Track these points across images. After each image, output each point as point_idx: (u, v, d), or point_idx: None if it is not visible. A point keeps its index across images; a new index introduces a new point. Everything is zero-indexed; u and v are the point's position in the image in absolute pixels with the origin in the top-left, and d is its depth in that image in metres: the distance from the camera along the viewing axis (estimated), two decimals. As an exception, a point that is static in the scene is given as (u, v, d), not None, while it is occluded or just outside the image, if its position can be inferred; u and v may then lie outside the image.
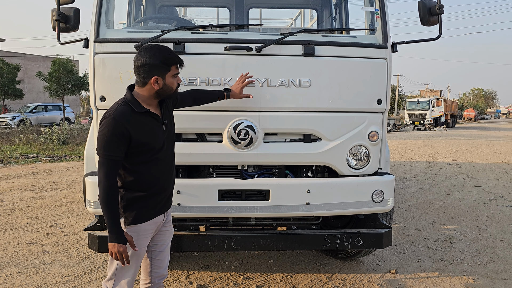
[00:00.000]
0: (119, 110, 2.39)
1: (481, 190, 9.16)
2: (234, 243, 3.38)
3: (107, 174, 2.34)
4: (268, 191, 3.34)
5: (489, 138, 27.19)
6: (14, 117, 26.96)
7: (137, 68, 2.44)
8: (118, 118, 2.35)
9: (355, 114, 3.46)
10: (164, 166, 2.60)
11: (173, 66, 2.48)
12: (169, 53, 2.49)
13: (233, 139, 3.30)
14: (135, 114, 2.42)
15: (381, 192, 3.46)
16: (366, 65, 3.42)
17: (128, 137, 2.37)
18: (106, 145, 2.34)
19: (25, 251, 4.90)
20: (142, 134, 2.42)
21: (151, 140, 2.48)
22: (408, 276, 4.39)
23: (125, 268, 2.54)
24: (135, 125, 2.39)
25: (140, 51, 2.45)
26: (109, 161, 2.35)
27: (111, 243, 2.38)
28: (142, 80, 2.45)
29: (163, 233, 2.75)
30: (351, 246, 3.50)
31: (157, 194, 2.57)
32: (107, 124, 2.35)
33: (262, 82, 3.29)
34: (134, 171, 2.46)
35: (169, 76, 2.48)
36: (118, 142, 2.34)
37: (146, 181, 2.50)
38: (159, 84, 2.44)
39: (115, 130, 2.34)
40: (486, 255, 5.04)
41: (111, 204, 2.35)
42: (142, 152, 2.46)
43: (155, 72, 2.42)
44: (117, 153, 2.35)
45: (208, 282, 4.11)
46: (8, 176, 9.95)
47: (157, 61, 2.41)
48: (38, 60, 45.67)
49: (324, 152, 3.42)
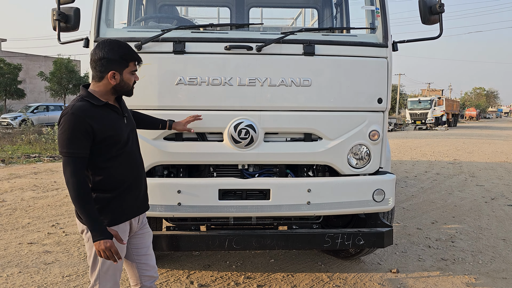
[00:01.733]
0: (77, 105, 2.30)
1: (482, 189, 9.14)
2: (234, 243, 3.38)
3: (74, 172, 2.24)
4: (269, 191, 3.34)
5: (490, 137, 27.14)
6: (15, 117, 27.00)
7: (94, 62, 2.37)
8: (78, 112, 2.26)
9: (356, 113, 3.46)
10: (132, 160, 2.52)
11: (131, 63, 2.43)
12: (128, 49, 2.42)
13: (234, 138, 3.30)
14: (94, 107, 2.33)
15: (382, 191, 3.45)
16: (367, 64, 3.41)
17: (91, 132, 2.28)
18: (69, 142, 2.24)
19: (26, 251, 4.91)
20: (104, 127, 2.33)
21: (115, 133, 2.39)
22: (409, 275, 4.38)
23: (108, 272, 2.47)
24: (96, 119, 2.30)
25: (99, 44, 2.38)
26: (74, 158, 2.25)
27: (96, 242, 2.27)
28: (99, 75, 2.37)
29: (142, 236, 2.67)
30: (352, 245, 3.50)
31: (129, 191, 2.49)
32: (67, 120, 2.25)
33: (263, 81, 3.29)
34: (102, 168, 2.37)
35: (127, 72, 2.42)
36: (81, 137, 2.25)
37: (116, 178, 2.42)
38: (116, 79, 2.38)
39: (76, 126, 2.24)
40: (487, 254, 5.03)
41: (85, 201, 2.25)
42: (107, 147, 2.36)
43: (112, 66, 2.36)
44: (81, 149, 2.26)
45: (209, 282, 4.11)
46: (10, 176, 9.96)
47: (115, 56, 2.36)
48: (39, 60, 45.76)
49: (325, 151, 3.42)
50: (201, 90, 3.27)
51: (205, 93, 3.27)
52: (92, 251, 2.44)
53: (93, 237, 2.29)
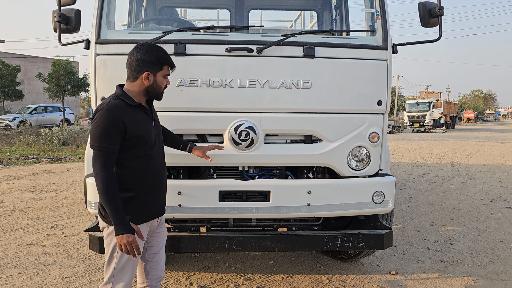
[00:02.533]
0: (112, 102, 2.40)
1: (481, 191, 9.16)
2: (234, 244, 3.38)
3: (104, 166, 2.32)
4: (269, 192, 3.35)
5: (488, 139, 27.21)
6: (14, 118, 26.97)
7: (131, 62, 2.48)
8: (112, 109, 2.36)
9: (356, 115, 3.47)
10: (155, 163, 2.58)
11: (165, 66, 2.54)
12: (164, 53, 2.55)
13: (234, 140, 3.31)
14: (128, 106, 2.44)
15: (382, 193, 3.46)
16: (367, 67, 3.43)
17: (123, 129, 2.36)
18: (102, 137, 2.32)
19: (25, 252, 4.90)
20: (135, 126, 2.42)
21: (143, 134, 2.47)
22: (408, 277, 4.39)
23: (122, 270, 2.51)
24: (128, 117, 2.40)
25: (137, 46, 2.50)
26: (105, 153, 2.33)
27: (118, 236, 2.32)
28: (134, 75, 2.48)
29: (157, 234, 2.73)
30: (352, 247, 3.51)
31: (150, 193, 2.54)
32: (101, 116, 2.34)
33: (263, 83, 3.30)
34: (125, 166, 2.44)
35: (160, 75, 2.53)
36: (113, 133, 2.33)
37: (137, 178, 2.48)
38: (150, 80, 2.48)
39: (110, 121, 2.33)
40: (486, 256, 5.05)
41: (112, 195, 2.31)
42: (134, 146, 2.44)
43: (148, 68, 2.47)
44: (112, 144, 2.34)
45: (208, 283, 4.11)
46: (8, 177, 9.95)
47: (152, 58, 2.47)
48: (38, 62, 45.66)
49: (325, 153, 3.43)
50: (202, 92, 3.27)
51: (206, 95, 3.28)
52: (110, 247, 2.49)
53: (116, 231, 2.33)
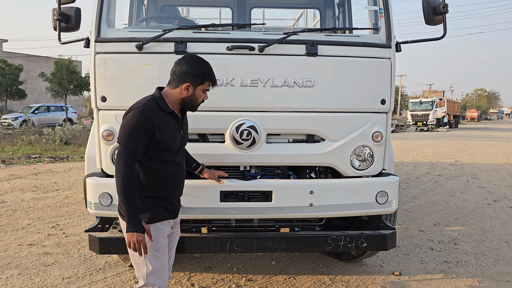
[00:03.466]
0: (148, 104, 2.46)
1: (484, 191, 9.10)
2: (236, 245, 3.34)
3: (127, 164, 2.38)
4: (271, 192, 3.31)
5: (492, 138, 27.09)
6: (16, 118, 27.00)
7: (175, 70, 2.55)
8: (147, 110, 2.42)
9: (359, 115, 3.42)
10: (177, 169, 2.66)
11: (207, 82, 2.60)
12: (209, 69, 2.60)
13: (236, 139, 3.26)
14: (161, 111, 2.50)
15: (385, 193, 3.42)
16: (370, 65, 3.38)
17: (152, 131, 2.42)
18: (131, 135, 2.38)
19: (26, 252, 4.88)
20: (164, 131, 2.48)
21: (169, 140, 2.53)
22: (412, 278, 4.34)
23: (154, 271, 2.55)
24: (159, 122, 2.46)
25: (185, 57, 2.58)
26: (130, 151, 2.39)
27: (129, 233, 2.37)
28: (175, 83, 2.55)
29: (171, 234, 2.77)
30: (355, 248, 3.46)
31: (168, 195, 2.61)
32: (135, 114, 2.40)
33: (265, 82, 3.25)
34: (146, 167, 2.51)
35: (200, 89, 2.58)
36: (142, 134, 2.39)
37: (156, 180, 2.54)
38: (189, 92, 2.54)
39: (142, 122, 2.39)
40: (490, 257, 4.99)
41: (130, 193, 2.37)
42: (158, 150, 2.50)
43: (190, 80, 2.53)
44: (139, 144, 2.41)
45: (210, 284, 4.07)
46: (10, 176, 9.94)
47: (196, 71, 2.53)
48: (40, 61, 45.77)
49: (328, 153, 3.38)
50: (203, 90, 3.23)
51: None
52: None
53: (127, 228, 2.38)
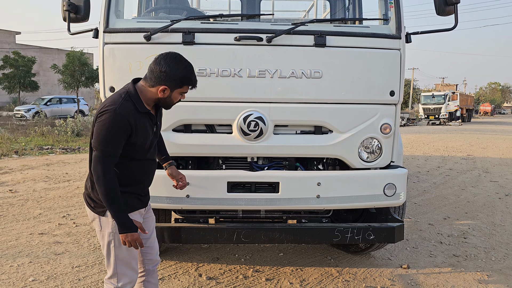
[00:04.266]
0: (124, 106, 2.32)
1: (496, 185, 8.99)
2: (243, 236, 3.35)
3: (107, 169, 2.28)
4: (278, 184, 3.30)
5: (505, 133, 26.72)
6: (29, 109, 27.29)
7: (153, 69, 2.37)
8: (124, 113, 2.29)
9: (367, 106, 3.39)
10: (149, 166, 2.60)
11: (186, 86, 2.46)
12: (190, 73, 2.43)
13: (243, 130, 3.26)
14: (137, 111, 2.38)
15: (393, 186, 3.40)
16: (379, 56, 3.34)
17: (129, 134, 2.33)
18: (109, 140, 2.27)
19: (37, 241, 4.95)
20: (139, 133, 2.38)
21: (144, 141, 2.45)
22: (420, 271, 4.32)
23: (124, 260, 2.52)
24: (136, 123, 2.35)
25: (167, 56, 2.39)
26: (108, 156, 2.29)
27: (123, 234, 2.35)
28: (152, 83, 2.39)
29: (146, 220, 2.73)
30: (362, 240, 3.45)
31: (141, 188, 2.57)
32: (112, 118, 2.27)
33: (273, 73, 3.24)
34: (121, 165, 2.40)
35: (177, 92, 2.44)
36: (120, 137, 2.29)
37: (132, 176, 2.48)
38: (165, 94, 2.40)
39: (120, 126, 2.28)
40: (500, 251, 4.95)
41: (115, 198, 2.30)
42: (132, 150, 2.41)
43: (167, 82, 2.37)
44: (117, 148, 2.31)
45: (217, 275, 4.10)
46: (23, 167, 10.07)
47: (176, 75, 2.36)
48: (53, 53, 46.20)
49: (335, 145, 3.36)
50: (210, 81, 3.23)
51: (214, 85, 3.24)
52: (105, 240, 2.48)
53: (120, 229, 2.36)
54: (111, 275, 2.54)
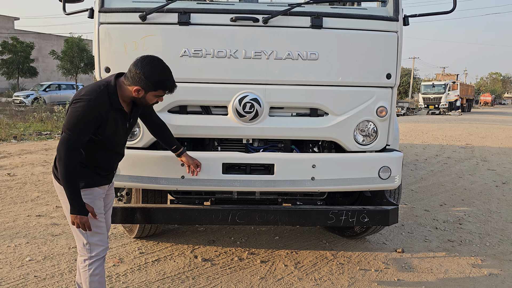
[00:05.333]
0: (99, 98, 2.42)
1: (494, 173, 9.01)
2: (238, 217, 3.37)
3: (70, 151, 2.38)
4: (273, 165, 3.31)
5: (505, 122, 26.71)
6: (28, 95, 27.20)
7: (132, 69, 2.46)
8: (97, 106, 2.39)
9: (364, 89, 3.38)
10: (116, 156, 2.74)
11: (160, 90, 2.52)
12: (166, 78, 2.51)
13: (238, 112, 3.25)
14: (110, 107, 2.47)
15: (388, 169, 3.40)
16: (376, 38, 3.32)
17: (98, 125, 2.43)
18: (78, 127, 2.37)
19: (34, 223, 4.97)
20: (110, 126, 2.49)
21: (113, 135, 2.56)
22: (414, 255, 4.35)
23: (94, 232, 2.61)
24: (108, 117, 2.45)
25: (146, 59, 2.47)
26: (74, 141, 2.39)
27: (73, 215, 2.45)
28: (129, 82, 2.48)
29: (107, 196, 2.83)
30: (357, 223, 3.47)
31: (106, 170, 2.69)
32: (85, 108, 2.37)
33: (269, 54, 3.22)
34: (87, 149, 2.51)
35: (151, 94, 2.52)
36: (89, 125, 2.40)
37: (95, 160, 2.58)
38: (139, 94, 2.49)
39: (91, 116, 2.38)
40: (495, 237, 4.98)
41: (73, 180, 2.40)
42: (102, 141, 2.53)
43: (141, 84, 2.45)
44: (84, 134, 2.41)
45: (213, 256, 4.13)
46: (21, 152, 10.08)
47: (151, 79, 2.44)
48: (51, 39, 45.93)
49: (331, 127, 3.36)
50: (206, 62, 3.21)
51: (210, 66, 3.22)
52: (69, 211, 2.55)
53: (72, 210, 2.46)
54: (82, 246, 2.64)
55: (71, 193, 2.41)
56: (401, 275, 3.90)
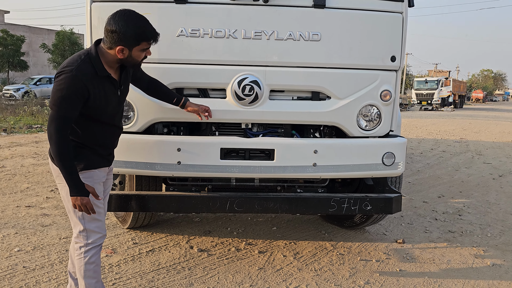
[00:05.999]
0: (81, 67, 2.26)
1: (490, 166, 8.97)
2: (236, 205, 3.23)
3: (60, 129, 2.24)
4: (273, 151, 3.17)
5: (497, 118, 26.81)
6: (18, 89, 26.81)
7: (106, 31, 2.29)
8: (80, 76, 2.23)
9: (367, 72, 3.25)
10: (113, 130, 2.58)
11: (143, 42, 2.34)
12: (144, 27, 2.32)
13: (237, 95, 3.11)
14: (96, 75, 2.31)
15: (392, 155, 3.29)
16: (381, 19, 3.20)
17: (87, 96, 2.28)
18: (63, 101, 2.22)
19: (23, 213, 4.81)
20: (98, 96, 2.33)
21: (105, 105, 2.40)
22: (415, 246, 4.26)
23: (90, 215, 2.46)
24: (94, 87, 2.30)
25: (115, 15, 2.28)
26: (62, 117, 2.24)
27: (73, 197, 2.31)
28: (108, 45, 2.31)
29: (106, 181, 2.69)
30: (359, 211, 3.35)
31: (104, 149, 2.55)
32: (67, 80, 2.21)
33: (269, 35, 3.08)
34: (82, 126, 2.39)
35: (137, 50, 2.35)
36: (75, 100, 2.24)
37: (92, 137, 2.44)
38: (124, 54, 2.32)
39: (75, 88, 2.23)
40: (496, 228, 4.90)
41: (67, 159, 2.26)
42: (94, 113, 2.38)
43: (122, 42, 2.28)
44: (72, 110, 2.26)
45: (209, 247, 3.99)
46: (11, 144, 9.86)
47: (129, 33, 2.26)
48: (43, 33, 45.38)
49: (333, 111, 3.23)
50: (204, 42, 3.07)
51: (208, 46, 3.07)
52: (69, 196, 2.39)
53: (71, 192, 2.31)
54: (79, 233, 2.49)
55: (68, 173, 2.27)
56: (403, 265, 3.80)
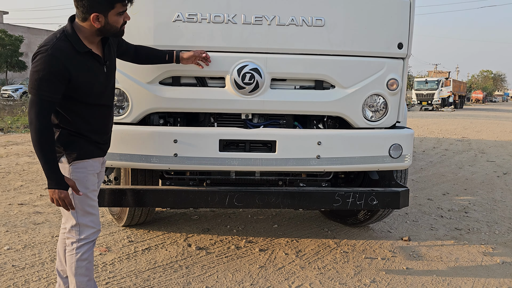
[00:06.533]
0: (58, 45, 2.10)
1: (493, 164, 8.82)
2: (236, 200, 3.07)
3: (40, 114, 2.08)
4: (275, 142, 3.01)
5: (498, 118, 26.69)
6: (16, 89, 26.67)
7: (76, 1, 2.11)
8: (57, 54, 2.08)
9: (373, 59, 3.10)
10: (104, 111, 2.40)
11: (118, 4, 2.16)
12: None
13: (237, 83, 2.95)
14: (75, 52, 2.15)
15: (399, 147, 3.13)
16: (387, 4, 3.05)
17: (67, 77, 2.11)
18: (41, 83, 2.06)
19: (15, 211, 4.64)
20: (81, 75, 2.17)
21: (91, 84, 2.24)
22: (422, 243, 4.10)
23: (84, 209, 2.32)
24: (74, 64, 2.14)
25: None
26: (43, 101, 2.08)
27: (50, 190, 2.14)
28: (82, 15, 2.14)
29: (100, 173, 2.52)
30: (364, 206, 3.19)
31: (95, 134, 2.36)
32: (43, 60, 2.05)
33: (270, 20, 2.92)
34: (71, 111, 2.24)
35: (113, 14, 2.17)
36: (55, 81, 2.08)
37: (83, 122, 2.28)
38: (100, 22, 2.15)
39: (52, 68, 2.06)
40: (503, 225, 4.75)
41: (46, 147, 2.10)
42: (81, 95, 2.22)
43: (95, 8, 2.11)
44: (52, 93, 2.09)
45: (208, 245, 3.84)
46: (7, 143, 9.71)
47: None
48: (41, 34, 45.19)
49: (338, 101, 3.07)
50: (202, 28, 2.92)
51: (206, 32, 2.92)
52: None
53: (48, 184, 2.14)
54: (71, 227, 2.33)
55: (46, 163, 2.10)
56: (410, 263, 3.64)
